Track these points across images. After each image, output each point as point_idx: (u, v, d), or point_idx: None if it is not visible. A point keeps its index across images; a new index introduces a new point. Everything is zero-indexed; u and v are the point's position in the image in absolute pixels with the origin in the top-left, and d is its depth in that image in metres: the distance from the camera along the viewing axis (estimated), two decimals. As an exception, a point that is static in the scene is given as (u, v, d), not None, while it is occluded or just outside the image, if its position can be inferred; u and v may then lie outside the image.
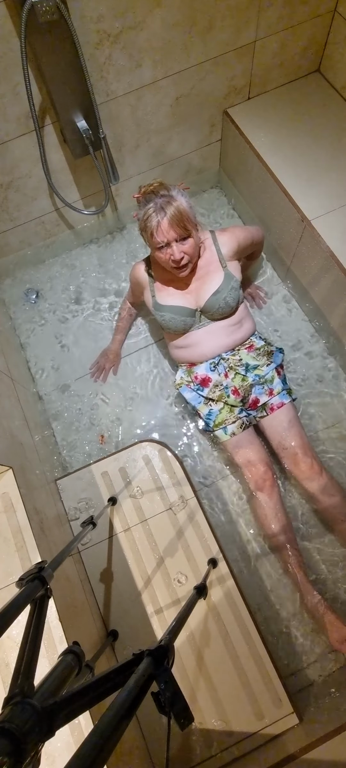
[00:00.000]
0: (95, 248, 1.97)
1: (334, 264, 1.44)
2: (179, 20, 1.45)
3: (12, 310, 1.86)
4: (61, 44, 1.30)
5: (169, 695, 0.53)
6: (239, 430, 1.39)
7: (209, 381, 1.43)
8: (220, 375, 1.42)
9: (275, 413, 1.40)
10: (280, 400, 1.40)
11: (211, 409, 1.42)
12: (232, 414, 1.40)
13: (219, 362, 1.43)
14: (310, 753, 0.93)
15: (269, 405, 1.41)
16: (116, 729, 0.44)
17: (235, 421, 1.39)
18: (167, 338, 1.52)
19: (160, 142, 1.78)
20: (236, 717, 1.08)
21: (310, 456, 1.35)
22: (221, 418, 1.40)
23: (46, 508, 1.13)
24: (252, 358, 1.44)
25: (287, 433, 1.38)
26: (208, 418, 1.43)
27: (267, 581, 1.35)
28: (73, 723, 0.78)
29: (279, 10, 1.56)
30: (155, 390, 1.66)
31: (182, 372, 1.49)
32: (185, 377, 1.48)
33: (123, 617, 1.19)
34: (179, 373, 1.50)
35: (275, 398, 1.40)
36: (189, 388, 1.46)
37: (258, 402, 1.42)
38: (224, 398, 1.41)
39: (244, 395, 1.41)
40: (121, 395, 1.66)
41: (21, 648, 0.58)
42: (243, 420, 1.40)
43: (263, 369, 1.42)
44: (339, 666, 1.24)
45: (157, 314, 1.43)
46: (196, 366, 1.45)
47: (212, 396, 1.42)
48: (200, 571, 1.22)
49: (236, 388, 1.40)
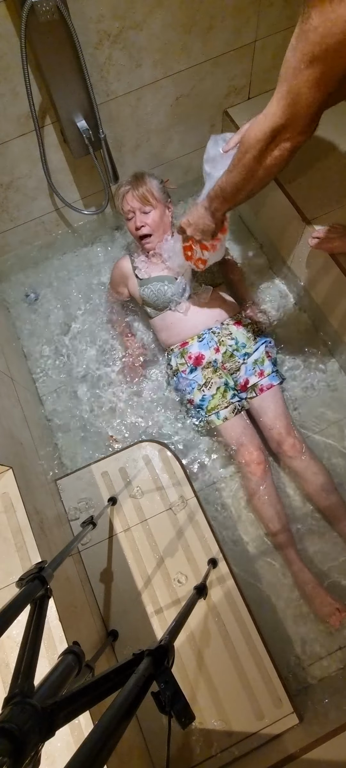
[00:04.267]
0: (95, 248, 1.97)
1: (334, 264, 1.44)
2: (179, 20, 1.45)
3: (12, 310, 1.86)
4: (61, 44, 1.30)
5: (170, 695, 0.53)
6: (231, 414, 1.42)
7: (202, 358, 1.47)
8: (210, 349, 1.47)
9: (264, 394, 1.45)
10: (269, 381, 1.46)
11: (204, 394, 1.45)
12: (224, 399, 1.43)
13: (210, 335, 1.48)
14: (310, 753, 0.93)
15: (258, 386, 1.46)
16: (116, 729, 0.44)
17: (227, 406, 1.43)
18: (156, 326, 1.58)
19: (161, 142, 1.78)
20: (236, 717, 1.08)
21: (293, 436, 1.40)
22: (213, 403, 1.43)
23: (46, 508, 1.13)
24: (241, 333, 1.50)
25: (273, 413, 1.43)
26: (201, 403, 1.45)
27: (267, 581, 1.35)
28: (73, 723, 0.78)
29: (279, 10, 1.56)
30: (155, 390, 1.66)
31: (175, 357, 1.52)
32: (179, 360, 1.51)
33: (123, 617, 1.19)
34: (173, 360, 1.53)
35: (264, 379, 1.46)
36: (184, 375, 1.48)
37: (248, 383, 1.46)
38: (216, 375, 1.45)
39: (233, 371, 1.47)
40: (121, 395, 1.66)
41: (21, 648, 0.58)
42: (235, 405, 1.44)
43: (252, 347, 1.49)
44: (339, 666, 1.25)
45: (144, 290, 1.51)
46: (188, 344, 1.49)
47: (206, 374, 1.45)
48: (200, 571, 1.22)
49: (224, 364, 1.47)
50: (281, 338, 1.69)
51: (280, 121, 0.81)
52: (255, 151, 0.88)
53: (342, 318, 1.55)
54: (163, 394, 1.65)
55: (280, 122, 0.82)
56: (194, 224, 1.20)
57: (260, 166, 0.91)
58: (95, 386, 1.69)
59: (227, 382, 1.45)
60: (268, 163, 0.89)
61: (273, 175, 0.93)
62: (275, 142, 0.86)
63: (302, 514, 1.43)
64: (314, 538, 1.39)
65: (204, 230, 1.19)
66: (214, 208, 1.11)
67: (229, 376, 1.47)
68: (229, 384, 1.45)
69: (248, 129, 0.89)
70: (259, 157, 0.89)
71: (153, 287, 1.50)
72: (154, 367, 1.70)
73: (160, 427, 1.59)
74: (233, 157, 0.97)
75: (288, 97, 0.78)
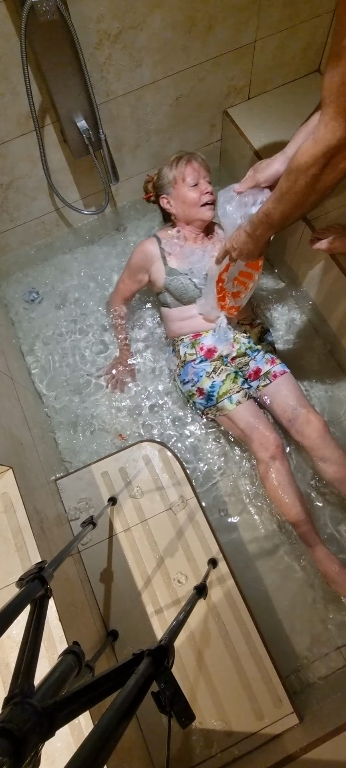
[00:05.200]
0: (95, 248, 1.97)
1: (334, 264, 1.44)
2: (179, 20, 1.45)
3: (12, 310, 1.86)
4: (61, 44, 1.30)
5: (170, 695, 0.53)
6: (244, 398, 1.40)
7: (214, 352, 1.46)
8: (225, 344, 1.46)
9: (279, 379, 1.44)
10: (282, 368, 1.45)
11: (213, 381, 1.42)
12: (235, 384, 1.41)
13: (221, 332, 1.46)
14: (310, 753, 0.93)
15: (271, 372, 1.44)
16: (116, 729, 0.44)
17: (239, 390, 1.40)
18: (171, 316, 1.55)
19: (161, 142, 1.78)
20: (236, 717, 1.08)
21: (315, 416, 1.36)
22: (225, 388, 1.41)
23: (46, 508, 1.13)
24: (254, 333, 1.51)
25: (293, 395, 1.41)
26: (211, 390, 1.42)
27: (267, 581, 1.35)
28: (73, 723, 0.78)
29: (279, 10, 1.57)
30: (155, 390, 1.66)
31: (185, 347, 1.50)
32: (188, 350, 1.48)
33: (123, 617, 1.19)
34: (182, 349, 1.50)
35: (277, 366, 1.45)
36: (192, 364, 1.46)
37: (260, 371, 1.45)
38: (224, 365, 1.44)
39: (241, 365, 1.47)
40: (121, 395, 1.66)
41: (21, 648, 0.58)
42: (246, 390, 1.42)
43: (260, 345, 1.50)
44: (340, 666, 1.25)
45: (171, 281, 1.47)
46: (201, 336, 1.48)
47: (214, 364, 1.44)
48: (200, 571, 1.22)
49: (234, 358, 1.47)
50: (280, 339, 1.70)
51: (334, 143, 0.81)
52: (307, 178, 0.87)
53: (342, 319, 1.55)
54: (166, 395, 1.65)
55: (334, 143, 0.81)
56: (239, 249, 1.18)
57: (313, 191, 0.89)
58: (95, 386, 1.69)
59: (236, 371, 1.44)
60: (321, 186, 0.88)
61: (326, 196, 0.92)
62: (330, 165, 0.84)
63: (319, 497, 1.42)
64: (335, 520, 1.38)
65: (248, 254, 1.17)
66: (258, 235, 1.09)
67: (238, 369, 1.47)
68: (238, 373, 1.45)
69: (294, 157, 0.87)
70: (312, 183, 0.87)
71: (183, 280, 1.46)
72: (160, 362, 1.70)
73: (162, 426, 1.59)
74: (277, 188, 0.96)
75: (339, 118, 0.78)
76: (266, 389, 1.44)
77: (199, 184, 1.45)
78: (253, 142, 1.69)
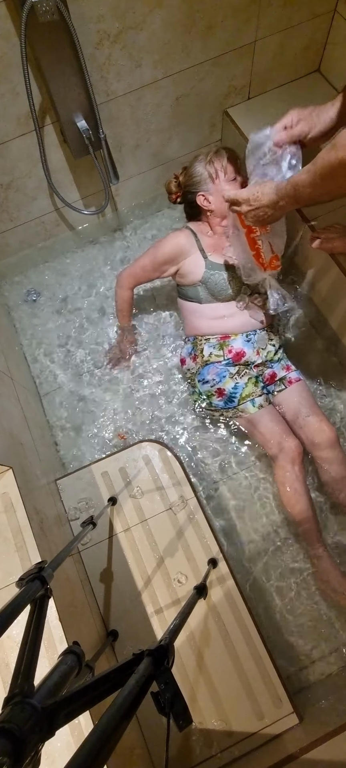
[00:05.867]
0: (96, 248, 1.97)
1: (334, 264, 1.44)
2: (179, 20, 1.45)
3: (12, 311, 1.86)
4: (61, 44, 1.30)
5: (169, 696, 0.53)
6: (265, 403, 1.42)
7: (242, 355, 1.45)
8: (254, 348, 1.45)
9: (293, 386, 1.46)
10: (297, 375, 1.48)
11: (237, 383, 1.42)
12: (257, 388, 1.43)
13: (255, 336, 1.47)
14: (310, 753, 0.93)
15: (286, 378, 1.47)
16: (116, 729, 0.44)
17: (260, 394, 1.42)
18: (201, 312, 1.49)
19: (161, 142, 1.78)
20: (236, 717, 1.08)
21: (329, 427, 1.37)
22: (247, 391, 1.41)
23: (46, 508, 1.14)
24: (277, 340, 1.52)
25: (307, 402, 1.43)
26: (233, 392, 1.42)
27: (267, 581, 1.35)
28: (73, 723, 0.78)
29: (279, 10, 1.56)
30: (155, 390, 1.67)
31: (211, 347, 1.46)
32: (214, 351, 1.46)
33: (123, 617, 1.19)
34: (206, 349, 1.47)
35: (292, 373, 1.48)
36: (218, 365, 1.45)
37: (276, 376, 1.47)
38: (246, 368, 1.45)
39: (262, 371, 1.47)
40: (121, 395, 1.66)
41: (21, 648, 0.58)
42: (266, 395, 1.44)
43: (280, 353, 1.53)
44: (339, 666, 1.25)
45: (212, 275, 1.43)
46: (230, 338, 1.46)
47: (239, 368, 1.44)
48: (200, 571, 1.22)
49: (257, 365, 1.46)
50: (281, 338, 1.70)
51: None
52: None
53: (342, 318, 1.55)
54: (167, 394, 1.65)
55: None
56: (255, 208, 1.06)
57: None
58: (96, 386, 1.69)
59: (257, 375, 1.45)
60: None
61: None
62: None
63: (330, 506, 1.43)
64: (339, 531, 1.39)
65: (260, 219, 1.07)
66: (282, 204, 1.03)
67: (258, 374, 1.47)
68: (258, 378, 1.46)
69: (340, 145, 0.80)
70: None
71: (223, 275, 1.43)
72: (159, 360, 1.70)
73: (162, 426, 1.59)
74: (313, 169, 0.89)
75: None
76: (281, 395, 1.47)
77: (237, 177, 1.43)
78: (253, 142, 1.69)
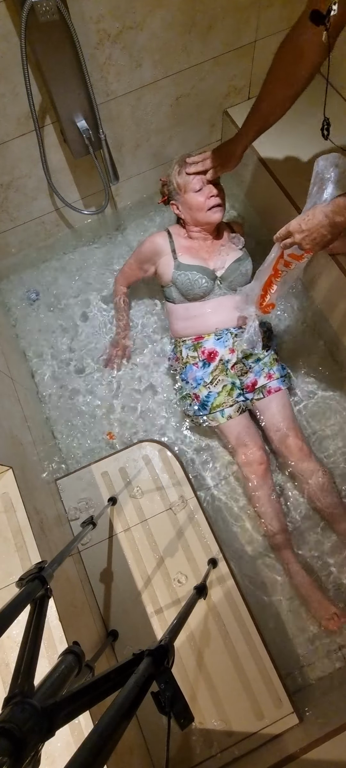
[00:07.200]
0: (95, 248, 1.97)
1: (334, 264, 1.44)
2: (179, 20, 1.45)
3: (12, 310, 1.86)
4: (61, 44, 1.30)
5: (170, 695, 0.53)
6: (235, 413, 1.42)
7: (216, 355, 1.46)
8: (226, 348, 1.46)
9: (271, 396, 1.45)
10: (277, 384, 1.46)
11: (210, 391, 1.44)
12: (230, 397, 1.43)
13: (227, 335, 1.48)
14: (310, 753, 0.93)
15: (266, 387, 1.46)
16: (116, 729, 0.44)
17: (232, 404, 1.42)
18: (176, 313, 1.54)
19: (161, 142, 1.78)
20: (236, 717, 1.08)
21: (300, 439, 1.40)
22: (219, 400, 1.43)
23: (46, 508, 1.14)
24: None
25: (280, 415, 1.43)
26: (206, 400, 1.44)
27: (267, 581, 1.35)
28: (73, 723, 0.78)
29: (279, 10, 1.56)
30: (155, 390, 1.66)
31: (188, 349, 1.51)
32: (190, 353, 1.49)
33: (123, 617, 1.19)
34: (184, 351, 1.51)
35: (273, 382, 1.46)
36: (195, 368, 1.47)
37: (256, 384, 1.46)
38: (223, 373, 1.45)
39: (242, 373, 1.47)
40: (121, 395, 1.66)
41: (21, 648, 0.58)
42: (240, 404, 1.44)
43: (264, 352, 1.49)
44: (339, 666, 1.25)
45: (180, 276, 1.47)
46: (203, 339, 1.49)
47: (214, 374, 1.45)
48: (200, 571, 1.22)
49: (234, 365, 1.47)
50: (280, 339, 1.70)
51: None
52: None
53: (342, 318, 1.55)
54: (165, 395, 1.65)
55: None
56: (308, 231, 1.05)
57: None
58: (95, 386, 1.69)
59: (233, 382, 1.45)
60: None
61: None
62: None
63: (301, 516, 1.42)
64: (313, 541, 1.39)
65: (318, 241, 1.05)
66: (338, 222, 1.00)
67: (236, 377, 1.46)
68: (235, 384, 1.45)
69: None
70: None
71: (191, 275, 1.45)
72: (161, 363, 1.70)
73: (161, 426, 1.59)
74: None
75: None
76: (259, 403, 1.47)
77: (204, 188, 1.44)
78: (253, 142, 1.69)
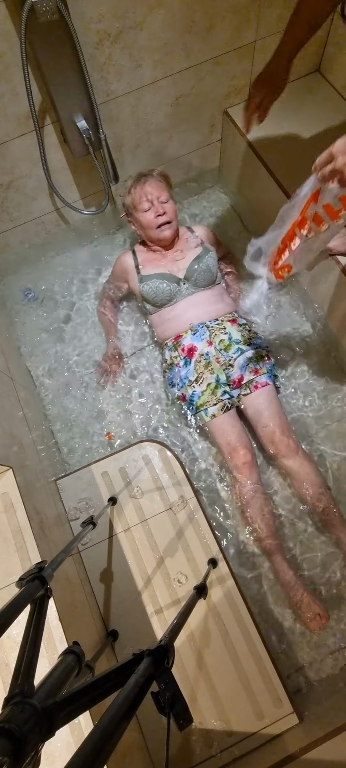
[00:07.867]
0: (95, 248, 1.97)
1: (334, 264, 1.44)
2: (179, 20, 1.45)
3: (12, 310, 1.86)
4: (61, 44, 1.30)
5: (169, 696, 0.53)
6: (219, 412, 1.42)
7: (194, 350, 1.49)
8: (203, 341, 1.49)
9: (258, 391, 1.44)
10: (265, 380, 1.45)
11: (194, 390, 1.46)
12: (214, 396, 1.43)
13: (203, 329, 1.51)
14: (310, 753, 0.93)
15: (253, 383, 1.45)
16: (116, 729, 0.44)
17: (216, 403, 1.43)
18: (153, 322, 1.62)
19: (161, 142, 1.78)
20: (236, 717, 1.08)
21: (287, 435, 1.39)
22: (202, 400, 1.44)
23: (46, 508, 1.14)
24: (235, 330, 1.51)
25: (267, 411, 1.42)
26: (191, 399, 1.46)
27: (267, 581, 1.35)
28: (73, 723, 0.78)
29: (279, 10, 1.56)
30: (154, 389, 1.66)
31: (170, 350, 1.55)
32: (173, 353, 1.53)
33: (123, 617, 1.19)
34: (167, 353, 1.55)
35: (260, 377, 1.45)
36: (178, 368, 1.50)
37: (242, 380, 1.45)
38: (208, 370, 1.45)
39: (225, 366, 1.46)
40: (120, 394, 1.66)
41: (21, 648, 0.58)
42: (225, 402, 1.43)
43: (246, 346, 1.49)
44: (339, 666, 1.24)
45: (143, 287, 1.54)
46: (182, 337, 1.52)
47: (198, 369, 1.46)
48: (200, 571, 1.22)
49: (217, 358, 1.47)
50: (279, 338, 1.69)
51: None
52: None
53: (342, 319, 1.55)
54: (164, 395, 1.65)
55: None
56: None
57: None
58: (95, 386, 1.69)
59: (218, 378, 1.45)
60: None
61: None
62: None
63: (290, 515, 1.42)
64: (303, 542, 1.38)
65: None
66: None
67: (221, 371, 1.46)
68: (220, 380, 1.45)
69: None
70: None
71: (152, 284, 1.52)
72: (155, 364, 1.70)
73: (160, 426, 1.59)
74: None
75: None
76: (245, 399, 1.45)
77: (152, 207, 1.52)
78: (253, 141, 1.69)
